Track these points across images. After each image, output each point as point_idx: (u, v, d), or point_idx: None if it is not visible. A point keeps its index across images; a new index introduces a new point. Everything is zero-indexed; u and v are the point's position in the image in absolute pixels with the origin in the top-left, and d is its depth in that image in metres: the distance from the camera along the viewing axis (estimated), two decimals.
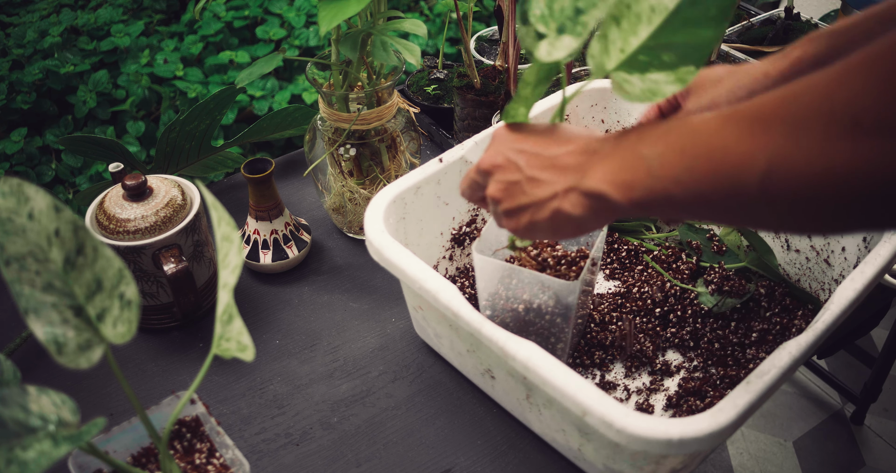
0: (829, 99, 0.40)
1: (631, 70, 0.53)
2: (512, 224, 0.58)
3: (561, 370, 0.62)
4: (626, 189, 0.49)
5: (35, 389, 0.49)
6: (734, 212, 0.46)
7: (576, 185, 0.52)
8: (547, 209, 0.54)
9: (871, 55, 0.39)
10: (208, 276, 0.88)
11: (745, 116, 0.44)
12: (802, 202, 0.42)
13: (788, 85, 0.43)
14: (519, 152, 0.56)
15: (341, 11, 0.73)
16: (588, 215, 0.52)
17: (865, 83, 0.39)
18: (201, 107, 1.00)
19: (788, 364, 0.63)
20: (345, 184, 0.94)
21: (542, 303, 0.72)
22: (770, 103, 0.43)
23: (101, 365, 0.53)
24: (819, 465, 1.67)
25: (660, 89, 0.52)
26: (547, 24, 0.54)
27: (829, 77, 0.41)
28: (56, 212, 0.48)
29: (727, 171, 0.44)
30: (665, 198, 0.48)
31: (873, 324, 1.48)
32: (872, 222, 0.43)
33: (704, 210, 0.47)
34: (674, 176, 0.47)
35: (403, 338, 0.87)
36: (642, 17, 0.52)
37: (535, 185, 0.55)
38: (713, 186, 0.45)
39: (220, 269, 0.53)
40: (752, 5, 1.56)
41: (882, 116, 0.38)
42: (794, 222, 0.45)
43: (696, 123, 0.47)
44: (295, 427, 0.78)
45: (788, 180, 0.42)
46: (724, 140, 0.44)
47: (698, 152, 0.46)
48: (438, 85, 1.20)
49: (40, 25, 1.53)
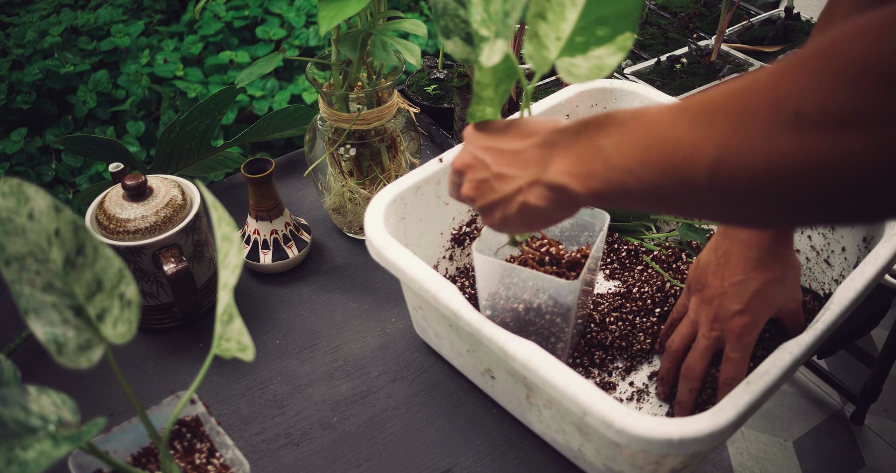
0: (775, 91, 0.40)
1: (573, 53, 0.55)
2: (488, 220, 0.59)
3: (561, 370, 0.62)
4: (584, 180, 0.50)
5: (35, 389, 0.49)
6: (686, 204, 0.47)
7: (538, 178, 0.54)
8: (514, 203, 0.56)
9: (814, 49, 0.39)
10: (208, 276, 0.88)
11: (695, 108, 0.45)
12: (748, 194, 0.42)
13: (738, 77, 0.44)
14: (486, 150, 0.58)
15: (341, 11, 0.73)
16: (552, 206, 0.54)
17: (807, 75, 0.39)
18: (201, 107, 1.00)
19: (788, 364, 0.63)
20: (345, 184, 0.94)
21: (541, 303, 0.72)
22: (719, 96, 0.44)
23: (101, 365, 0.53)
24: (819, 465, 1.67)
25: (605, 63, 0.54)
26: (488, 27, 0.56)
27: (776, 70, 0.41)
28: (56, 212, 0.48)
29: (677, 162, 0.45)
30: (621, 189, 0.49)
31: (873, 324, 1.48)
32: (819, 216, 0.43)
33: (658, 202, 0.48)
34: (628, 168, 0.48)
35: (403, 338, 0.87)
36: (565, 2, 0.54)
37: (502, 180, 0.56)
38: (665, 177, 0.46)
39: (220, 269, 0.53)
40: (752, 5, 1.56)
41: (824, 110, 0.38)
42: (744, 214, 0.45)
43: (651, 113, 0.48)
44: (295, 427, 0.78)
45: (734, 171, 0.42)
46: (675, 131, 0.45)
47: (651, 144, 0.46)
48: (438, 85, 1.20)
49: (40, 25, 1.53)
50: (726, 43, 1.30)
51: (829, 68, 0.38)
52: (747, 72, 0.44)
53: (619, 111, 0.51)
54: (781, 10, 1.37)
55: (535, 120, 0.57)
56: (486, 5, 0.56)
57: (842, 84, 0.37)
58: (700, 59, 1.24)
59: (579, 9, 0.54)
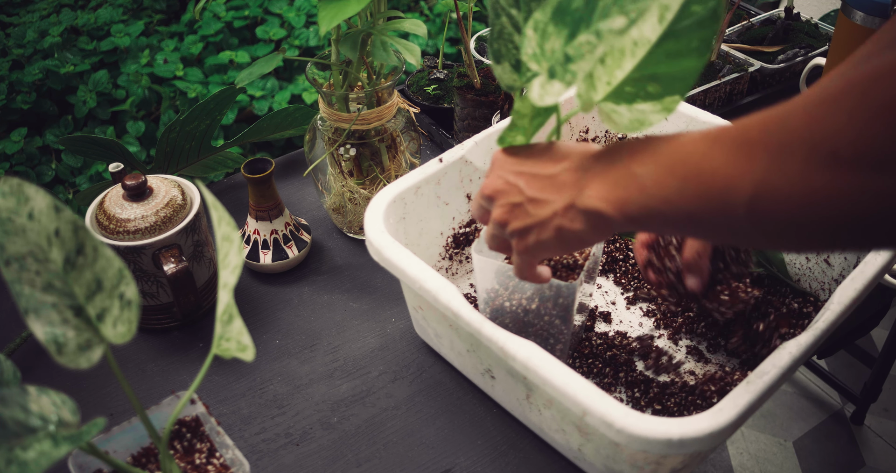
0: (809, 128, 0.41)
1: (618, 101, 0.55)
2: (521, 245, 0.59)
3: (561, 370, 0.62)
4: (620, 206, 0.51)
5: (35, 389, 0.49)
6: (722, 230, 0.47)
7: (573, 202, 0.54)
8: (550, 228, 0.56)
9: (847, 86, 0.40)
10: (208, 276, 0.88)
11: (731, 139, 0.46)
12: (787, 226, 0.43)
13: (771, 109, 0.45)
14: (518, 175, 0.58)
15: (341, 11, 0.73)
16: (588, 230, 0.54)
17: (842, 115, 0.40)
18: (201, 107, 1.00)
19: (788, 364, 0.63)
20: (345, 184, 0.94)
21: (541, 304, 0.72)
22: (755, 128, 0.44)
23: (101, 365, 0.53)
24: (819, 465, 1.67)
25: (646, 118, 0.54)
26: (539, 63, 0.56)
27: (808, 104, 0.42)
28: (56, 212, 0.48)
29: (715, 194, 0.45)
30: (658, 215, 0.49)
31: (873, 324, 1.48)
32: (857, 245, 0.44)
33: (696, 229, 0.49)
34: (665, 196, 0.48)
35: (403, 338, 0.87)
36: (626, 51, 0.54)
37: (537, 205, 0.56)
38: (702, 207, 0.46)
39: (220, 269, 0.53)
40: (752, 5, 1.56)
41: (859, 151, 0.39)
42: (782, 242, 0.46)
43: (686, 142, 0.49)
44: (295, 427, 0.78)
45: (773, 205, 0.43)
46: (711, 163, 0.46)
47: (688, 174, 0.47)
48: (438, 85, 1.20)
49: (40, 25, 1.53)
50: (726, 43, 1.30)
51: (863, 108, 0.39)
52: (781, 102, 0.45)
53: (653, 137, 0.51)
54: (781, 10, 1.37)
55: (567, 144, 0.58)
56: (540, 41, 0.55)
57: (876, 126, 0.38)
58: None
59: (636, 60, 0.53)
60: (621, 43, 0.54)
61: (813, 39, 1.31)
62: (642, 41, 0.53)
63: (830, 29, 1.34)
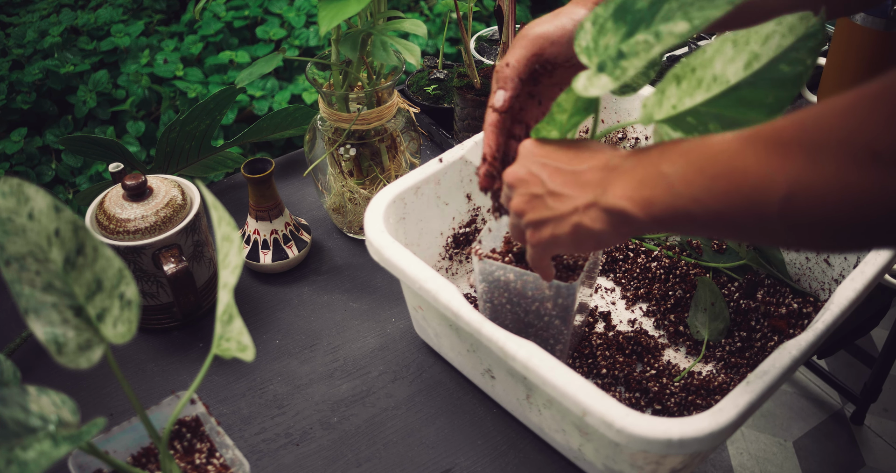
0: (846, 127, 0.41)
1: (676, 127, 0.55)
2: (535, 237, 0.59)
3: (561, 370, 0.62)
4: (646, 206, 0.50)
5: (35, 389, 0.49)
6: (752, 231, 0.47)
7: (596, 200, 0.53)
8: (568, 223, 0.55)
9: (885, 86, 0.40)
10: (208, 276, 0.88)
11: (764, 139, 0.45)
12: (820, 225, 0.43)
13: (805, 110, 0.44)
14: (543, 166, 0.57)
15: (341, 11, 0.73)
16: (608, 230, 0.53)
17: (881, 114, 0.39)
18: (201, 107, 1.00)
19: (788, 364, 0.63)
20: (345, 184, 0.94)
21: (541, 304, 0.72)
22: (789, 127, 0.44)
23: (101, 365, 0.53)
24: (819, 465, 1.67)
25: None
26: (590, 57, 0.55)
27: (846, 104, 0.41)
28: (56, 212, 0.48)
29: (747, 193, 0.45)
30: (685, 215, 0.49)
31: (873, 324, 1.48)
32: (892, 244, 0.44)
33: (723, 229, 0.48)
34: (693, 195, 0.48)
35: (403, 338, 0.87)
36: (703, 83, 0.54)
37: (557, 199, 0.56)
38: (733, 206, 0.46)
39: (220, 269, 0.53)
40: None
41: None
42: (811, 242, 0.46)
43: (717, 142, 0.48)
44: (295, 427, 0.78)
45: (807, 204, 0.42)
46: (744, 162, 0.45)
47: (718, 172, 0.47)
48: (438, 85, 1.20)
49: (40, 25, 1.53)
50: None
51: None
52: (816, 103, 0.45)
53: (683, 139, 0.51)
54: None
55: (599, 144, 0.57)
56: (596, 35, 0.55)
57: None
58: None
59: (709, 96, 0.53)
60: (702, 73, 0.54)
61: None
62: (721, 80, 0.53)
63: (830, 29, 1.34)
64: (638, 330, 0.84)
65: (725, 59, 0.53)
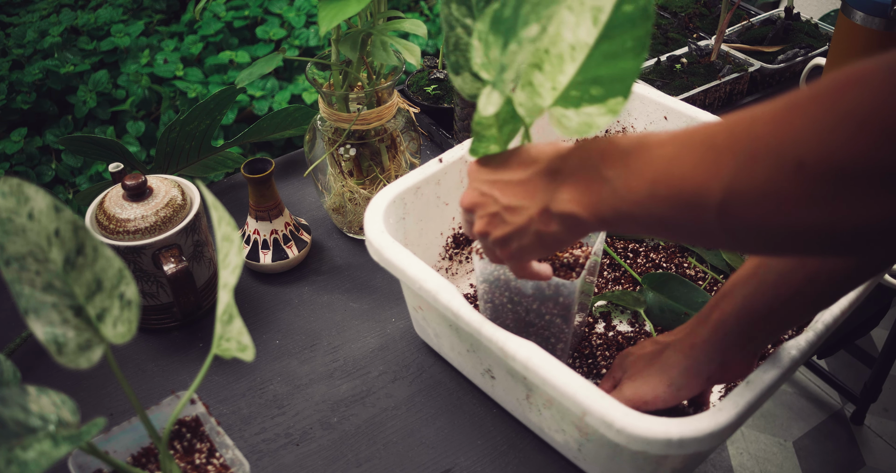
0: (776, 135, 0.41)
1: (566, 105, 0.55)
2: (506, 253, 0.60)
3: (561, 370, 0.62)
4: (593, 209, 0.51)
5: (35, 389, 0.49)
6: (694, 234, 0.48)
7: (547, 206, 0.54)
8: (529, 233, 0.56)
9: (815, 93, 0.40)
10: (208, 276, 0.88)
11: (699, 144, 0.46)
12: (757, 231, 0.43)
13: (738, 114, 0.45)
14: (492, 184, 0.58)
15: (341, 11, 0.73)
16: (564, 232, 0.55)
17: (807, 124, 0.39)
18: (201, 107, 1.00)
19: (788, 364, 0.63)
20: (345, 184, 0.94)
21: (541, 304, 0.72)
22: (722, 133, 0.45)
23: (101, 365, 0.53)
24: (819, 465, 1.67)
25: (594, 122, 0.54)
26: (488, 71, 0.56)
27: (777, 111, 0.42)
28: (56, 212, 0.48)
29: (686, 198, 0.46)
30: (629, 218, 0.50)
31: (873, 324, 1.48)
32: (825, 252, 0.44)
33: (665, 231, 0.49)
34: (636, 199, 0.49)
35: (403, 338, 0.87)
36: (564, 56, 0.54)
37: (513, 212, 0.57)
38: (673, 211, 0.47)
39: (221, 269, 0.53)
40: (752, 5, 1.56)
41: (824, 162, 0.39)
42: (750, 246, 0.46)
43: (653, 145, 0.49)
44: (295, 427, 0.78)
45: (742, 210, 0.43)
46: (680, 169, 0.46)
47: (657, 178, 0.47)
48: (438, 85, 1.20)
49: (40, 25, 1.53)
50: (726, 43, 1.30)
51: (828, 118, 0.38)
52: (747, 107, 0.45)
53: (619, 137, 0.52)
54: (781, 10, 1.37)
55: (536, 146, 0.58)
56: (485, 50, 0.56)
57: (839, 136, 0.38)
58: (700, 59, 1.24)
59: (578, 64, 0.54)
60: (558, 49, 0.54)
61: (813, 39, 1.31)
62: (580, 45, 0.53)
63: (830, 29, 1.34)
64: (638, 330, 0.84)
65: (571, 25, 0.53)
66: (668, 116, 0.92)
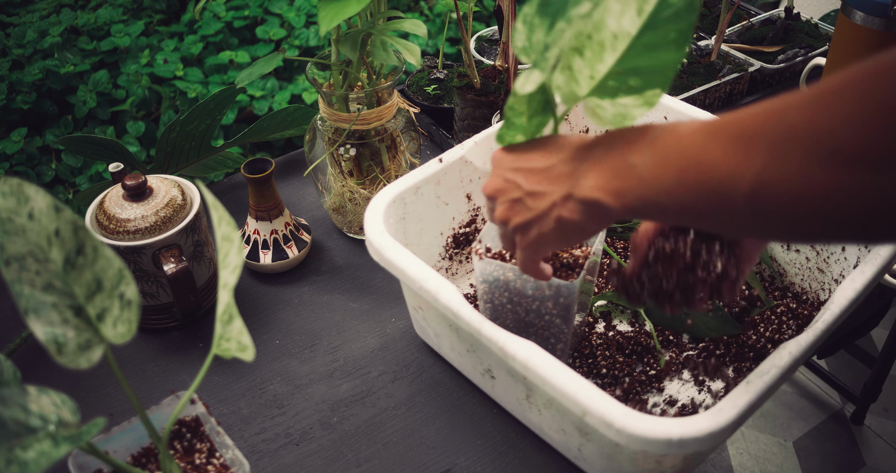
0: (810, 123, 0.41)
1: (602, 95, 0.55)
2: (524, 241, 0.59)
3: (561, 370, 0.62)
4: (618, 196, 0.51)
5: (35, 389, 0.49)
6: (721, 221, 0.48)
7: (571, 192, 0.54)
8: (550, 219, 0.55)
9: (849, 81, 0.40)
10: (208, 276, 0.88)
11: (728, 132, 0.46)
12: (786, 218, 0.43)
13: (768, 102, 0.45)
14: (516, 171, 0.58)
15: (341, 11, 0.73)
16: (587, 220, 0.54)
17: (842, 112, 0.39)
18: (201, 107, 1.00)
19: (788, 364, 0.63)
20: (345, 184, 0.94)
21: (541, 304, 0.72)
22: (753, 121, 0.45)
23: (101, 365, 0.53)
24: (819, 465, 1.67)
25: (629, 113, 0.54)
26: (528, 55, 0.56)
27: (809, 99, 0.42)
28: (56, 212, 0.48)
29: (714, 186, 0.46)
30: (656, 205, 0.49)
31: (873, 324, 1.48)
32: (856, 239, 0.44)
33: (693, 218, 0.49)
34: (663, 187, 0.48)
35: (403, 338, 0.87)
36: (605, 44, 0.54)
37: (536, 198, 0.56)
38: (701, 198, 0.47)
39: (221, 269, 0.53)
40: (752, 5, 1.56)
41: (859, 150, 0.39)
42: (779, 232, 0.46)
43: (683, 133, 0.48)
44: (295, 427, 0.78)
45: (773, 198, 0.43)
46: (710, 156, 0.46)
47: (686, 166, 0.47)
48: (438, 85, 1.20)
49: (40, 25, 1.53)
50: (726, 43, 1.30)
51: (864, 105, 0.39)
52: (779, 95, 0.45)
53: (649, 126, 0.51)
54: (781, 10, 1.37)
55: (562, 136, 0.58)
56: (528, 33, 0.56)
57: (876, 127, 0.38)
58: (700, 58, 1.24)
59: (618, 54, 0.54)
60: (600, 36, 0.54)
61: (813, 39, 1.31)
62: (622, 34, 0.53)
63: (830, 29, 1.34)
64: (638, 330, 0.84)
65: (616, 14, 0.53)
66: (668, 116, 0.92)
